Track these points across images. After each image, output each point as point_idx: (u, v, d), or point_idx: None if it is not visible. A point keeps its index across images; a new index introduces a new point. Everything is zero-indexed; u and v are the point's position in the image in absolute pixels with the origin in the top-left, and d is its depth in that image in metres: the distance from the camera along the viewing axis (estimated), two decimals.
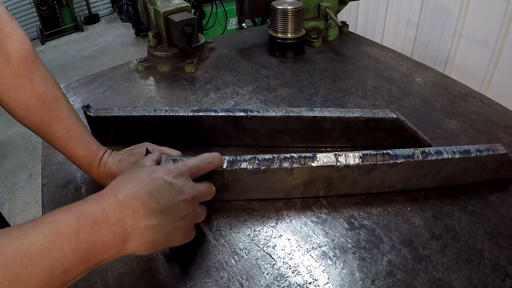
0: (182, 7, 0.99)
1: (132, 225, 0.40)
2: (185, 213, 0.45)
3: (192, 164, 0.48)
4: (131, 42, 4.18)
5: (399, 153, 0.56)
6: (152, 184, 0.43)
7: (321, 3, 1.12)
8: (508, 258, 0.50)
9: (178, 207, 0.44)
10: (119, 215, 0.40)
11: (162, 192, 0.43)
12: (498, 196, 0.60)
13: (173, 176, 0.45)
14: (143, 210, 0.41)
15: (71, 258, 0.36)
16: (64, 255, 0.35)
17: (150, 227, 0.41)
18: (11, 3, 4.15)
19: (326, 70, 1.00)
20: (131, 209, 0.40)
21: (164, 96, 0.92)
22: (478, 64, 1.46)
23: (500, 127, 0.75)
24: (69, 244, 0.36)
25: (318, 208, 0.59)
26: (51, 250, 0.35)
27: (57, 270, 0.35)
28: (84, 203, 0.40)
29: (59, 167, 0.71)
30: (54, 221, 0.36)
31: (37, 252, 0.34)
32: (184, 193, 0.45)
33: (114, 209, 0.40)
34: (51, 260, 0.34)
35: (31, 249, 0.34)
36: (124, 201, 0.41)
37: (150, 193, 0.42)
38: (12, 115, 0.59)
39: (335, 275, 0.49)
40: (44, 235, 0.35)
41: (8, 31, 0.56)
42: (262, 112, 0.67)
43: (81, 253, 0.36)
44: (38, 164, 2.22)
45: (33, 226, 0.36)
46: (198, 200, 0.47)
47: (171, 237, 0.44)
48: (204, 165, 0.50)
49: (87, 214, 0.38)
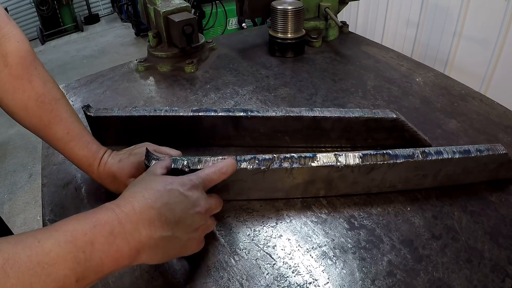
0: (182, 7, 0.99)
1: (147, 236, 0.40)
2: (198, 225, 0.46)
3: (205, 176, 0.48)
4: (131, 42, 4.18)
5: (399, 153, 0.56)
6: (168, 196, 0.43)
7: (321, 3, 1.12)
8: (508, 258, 0.50)
9: (192, 219, 0.44)
10: (135, 225, 0.39)
11: (177, 204, 0.43)
12: (498, 196, 0.60)
13: (187, 188, 0.45)
14: (158, 221, 0.41)
15: (85, 268, 0.35)
16: (78, 264, 0.35)
17: (165, 238, 0.42)
18: (11, 3, 4.15)
19: (326, 70, 1.00)
20: (147, 220, 0.40)
21: (164, 96, 0.92)
22: (478, 64, 1.46)
23: (500, 127, 0.75)
24: (84, 254, 0.35)
25: (318, 208, 0.59)
26: (65, 260, 0.34)
27: (70, 279, 0.34)
28: (100, 212, 0.39)
29: (59, 167, 0.71)
30: (70, 229, 0.36)
31: (51, 261, 0.33)
32: (198, 205, 0.45)
33: (131, 220, 0.39)
34: (65, 270, 0.34)
35: (46, 258, 0.33)
36: (141, 211, 0.40)
37: (167, 205, 0.42)
38: (11, 116, 0.59)
39: (335, 275, 0.49)
40: (59, 243, 0.35)
41: (7, 32, 0.56)
42: (262, 112, 0.67)
43: (95, 263, 0.36)
44: (38, 164, 2.22)
45: (48, 233, 0.35)
46: (210, 212, 0.48)
47: (183, 248, 0.45)
48: (218, 177, 0.50)
49: (103, 224, 0.38)
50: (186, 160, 0.53)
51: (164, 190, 0.43)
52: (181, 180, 0.46)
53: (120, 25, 4.68)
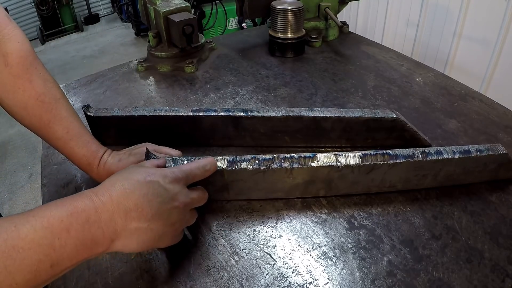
0: (182, 7, 0.99)
1: (122, 226, 0.40)
2: (176, 219, 0.45)
3: (188, 170, 0.48)
4: (131, 42, 4.18)
5: (399, 153, 0.56)
6: (147, 187, 0.43)
7: (321, 3, 1.12)
8: (508, 258, 0.50)
9: (169, 213, 0.44)
10: (111, 215, 0.40)
11: (155, 197, 0.43)
12: (498, 196, 0.60)
13: (168, 181, 0.45)
14: (135, 212, 0.41)
15: (60, 254, 0.36)
16: (53, 250, 0.36)
17: (140, 229, 0.42)
18: (11, 3, 4.15)
19: (326, 70, 1.00)
20: (123, 210, 0.41)
21: (164, 96, 0.92)
22: (478, 64, 1.46)
23: (500, 127, 0.75)
24: (59, 240, 0.36)
25: (318, 208, 0.59)
26: (40, 245, 0.35)
27: (45, 264, 0.35)
28: (78, 199, 0.40)
29: (59, 167, 0.71)
30: (47, 215, 0.37)
31: (26, 246, 0.34)
32: (177, 200, 0.45)
33: (107, 209, 0.40)
34: (40, 254, 0.35)
35: (21, 242, 0.34)
36: (118, 201, 0.41)
37: (144, 196, 0.42)
38: (11, 115, 0.59)
39: (335, 275, 0.49)
40: (34, 229, 0.35)
41: (7, 32, 0.57)
42: (262, 112, 0.67)
43: (70, 249, 0.37)
44: (38, 164, 2.22)
45: (25, 219, 0.36)
46: (189, 207, 0.48)
47: (158, 240, 0.45)
48: (201, 173, 0.50)
49: (80, 211, 0.38)
50: (186, 160, 0.53)
51: (144, 181, 0.43)
52: (163, 172, 0.46)
53: (120, 25, 4.68)
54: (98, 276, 0.51)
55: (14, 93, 0.57)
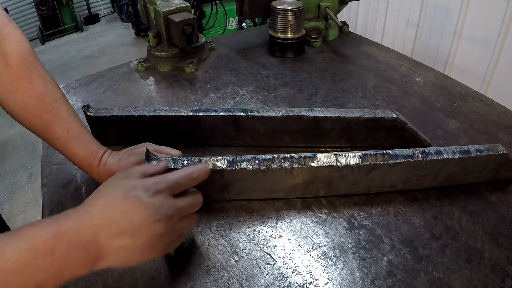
0: (182, 7, 0.99)
1: (106, 244, 0.40)
2: (163, 231, 0.43)
3: (173, 180, 0.46)
4: (131, 42, 4.18)
5: (399, 153, 0.56)
6: (127, 204, 0.42)
7: (321, 3, 1.12)
8: (508, 258, 0.50)
9: (153, 227, 0.42)
10: (93, 236, 0.39)
11: (137, 213, 0.41)
12: (498, 196, 0.60)
13: (150, 194, 0.43)
14: (116, 230, 0.40)
15: (45, 275, 0.36)
16: (38, 271, 0.36)
17: (124, 246, 0.41)
18: (11, 3, 4.15)
19: (326, 70, 1.00)
20: (105, 229, 0.40)
21: (164, 96, 0.92)
22: (478, 64, 1.46)
23: (500, 127, 0.75)
24: (44, 262, 0.36)
25: (318, 208, 0.59)
26: (25, 267, 0.35)
27: (30, 285, 0.35)
28: (61, 219, 0.40)
29: (59, 167, 0.71)
30: (31, 236, 0.37)
31: (11, 268, 0.34)
32: (159, 213, 0.43)
33: (90, 230, 0.39)
34: (24, 276, 0.35)
35: (6, 264, 0.34)
36: (99, 220, 0.40)
37: (125, 214, 0.41)
38: (11, 116, 0.59)
39: (335, 275, 0.49)
40: (19, 251, 0.35)
41: (7, 33, 0.57)
42: (262, 112, 0.67)
43: (54, 270, 0.37)
44: (38, 164, 2.22)
45: (10, 239, 0.36)
46: (177, 216, 0.45)
47: (148, 253, 0.43)
48: (187, 181, 0.47)
49: (63, 232, 0.38)
50: (186, 160, 0.53)
51: (123, 198, 0.42)
52: (145, 185, 0.44)
53: (120, 25, 4.68)
54: (98, 276, 0.51)
55: (14, 93, 0.57)
